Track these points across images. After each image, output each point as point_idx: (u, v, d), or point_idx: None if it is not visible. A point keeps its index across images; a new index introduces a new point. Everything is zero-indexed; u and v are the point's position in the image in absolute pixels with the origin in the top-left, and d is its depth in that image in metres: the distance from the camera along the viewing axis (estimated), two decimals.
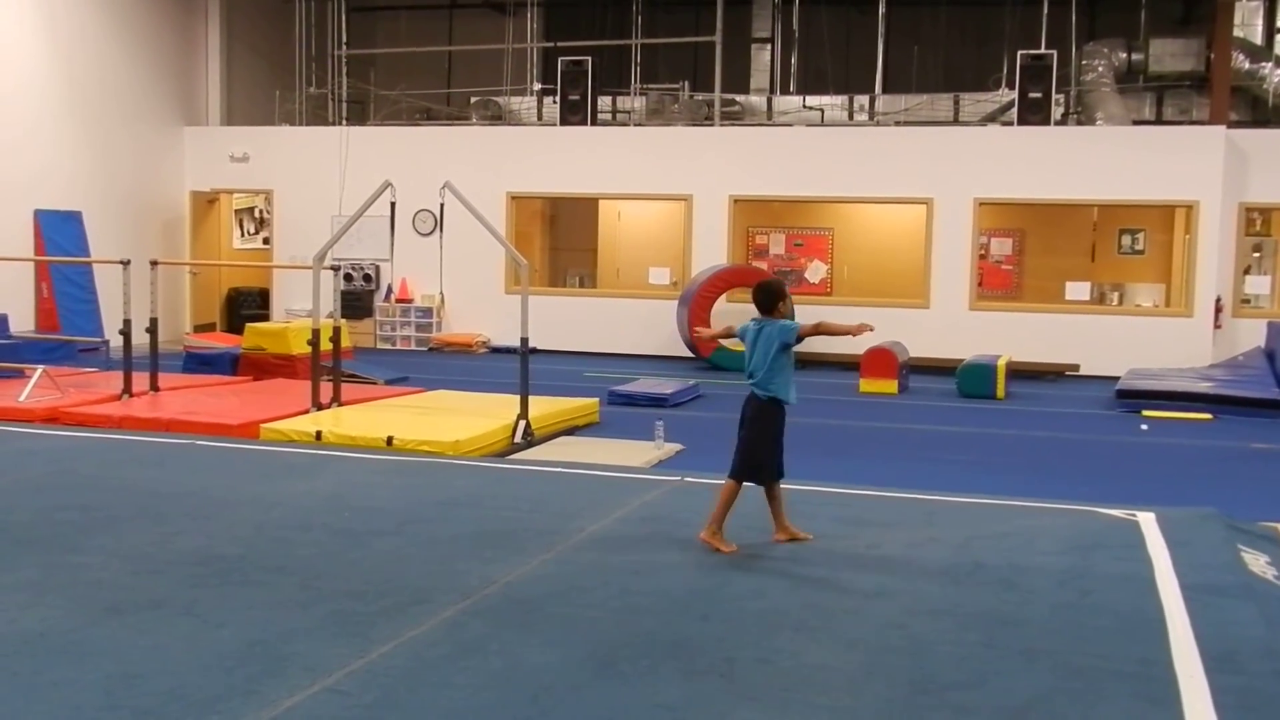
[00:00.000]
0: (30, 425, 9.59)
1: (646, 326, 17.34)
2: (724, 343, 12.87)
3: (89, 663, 4.13)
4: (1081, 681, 4.15)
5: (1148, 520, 6.58)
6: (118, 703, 3.78)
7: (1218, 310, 16.11)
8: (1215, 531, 6.36)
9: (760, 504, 6.83)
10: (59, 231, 15.86)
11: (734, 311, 16.56)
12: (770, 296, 6.08)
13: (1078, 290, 16.81)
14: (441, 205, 10.78)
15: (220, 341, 15.60)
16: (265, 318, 17.91)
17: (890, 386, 13.81)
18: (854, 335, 6.00)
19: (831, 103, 19.00)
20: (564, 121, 18.15)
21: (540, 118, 19.43)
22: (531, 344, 10.36)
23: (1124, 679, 4.18)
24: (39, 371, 10.91)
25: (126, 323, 11.07)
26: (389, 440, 8.91)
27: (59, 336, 14.89)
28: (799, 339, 5.94)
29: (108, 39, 17.22)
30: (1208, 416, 12.12)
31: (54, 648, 4.29)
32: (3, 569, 5.30)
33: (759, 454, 6.00)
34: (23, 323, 15.21)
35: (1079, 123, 17.74)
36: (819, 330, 5.99)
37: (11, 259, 14.32)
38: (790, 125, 18.46)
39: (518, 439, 9.55)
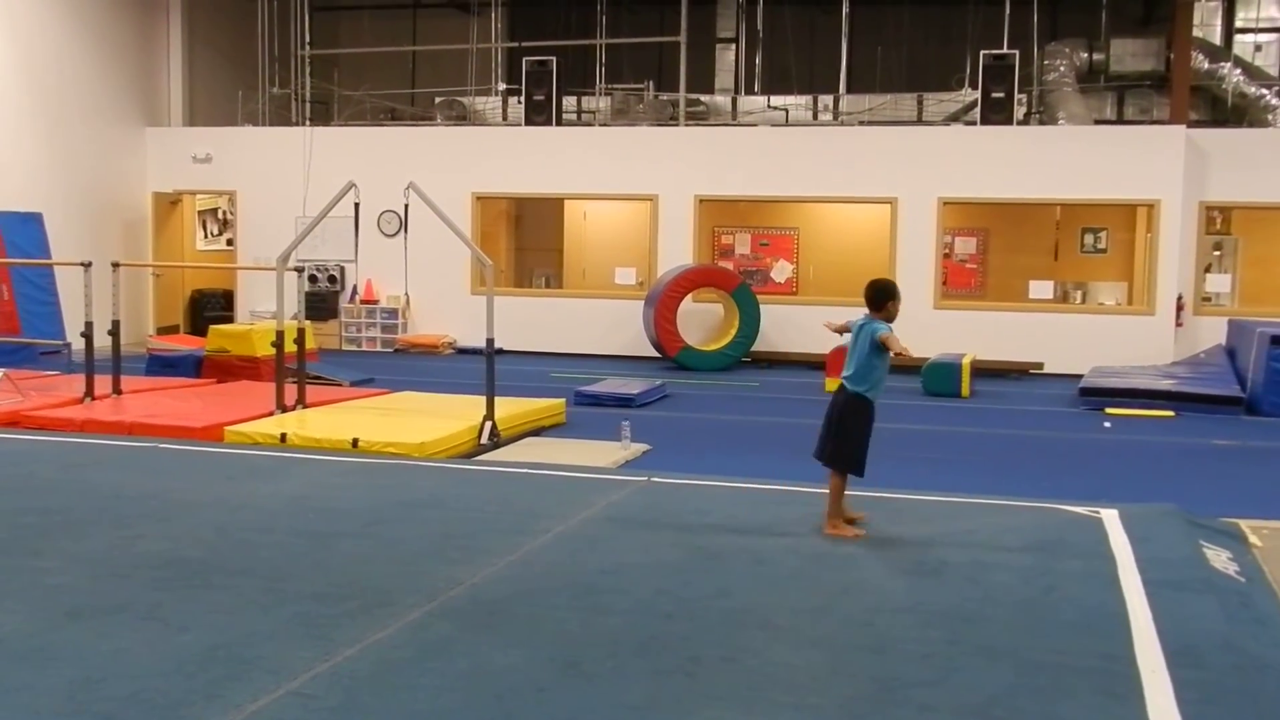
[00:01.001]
0: None
1: (613, 327, 17.34)
2: None
3: (50, 668, 4.09)
4: (1044, 677, 4.17)
5: (1111, 517, 6.63)
6: (79, 707, 3.74)
7: (1179, 308, 16.26)
8: (1177, 527, 6.41)
9: (724, 501, 6.86)
10: (19, 233, 15.68)
11: (700, 311, 16.63)
12: (878, 294, 6.25)
13: (1041, 289, 16.93)
14: (406, 206, 10.74)
15: (184, 344, 15.46)
16: (229, 320, 17.80)
17: None
18: (898, 354, 6.14)
19: (796, 102, 19.05)
20: (529, 122, 18.12)
21: (505, 118, 19.40)
22: (498, 345, 10.34)
23: (1087, 675, 4.20)
24: None
25: (88, 325, 10.96)
26: (354, 442, 8.87)
27: (19, 339, 14.73)
28: (881, 344, 6.10)
29: (68, 38, 17.07)
30: (1170, 414, 12.23)
31: (14, 653, 4.24)
32: None
33: (860, 447, 6.17)
34: None
35: (1041, 122, 17.86)
36: (888, 343, 6.13)
37: None
38: (755, 125, 18.50)
39: (484, 440, 9.52)
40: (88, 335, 10.97)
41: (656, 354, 16.37)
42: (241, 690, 3.88)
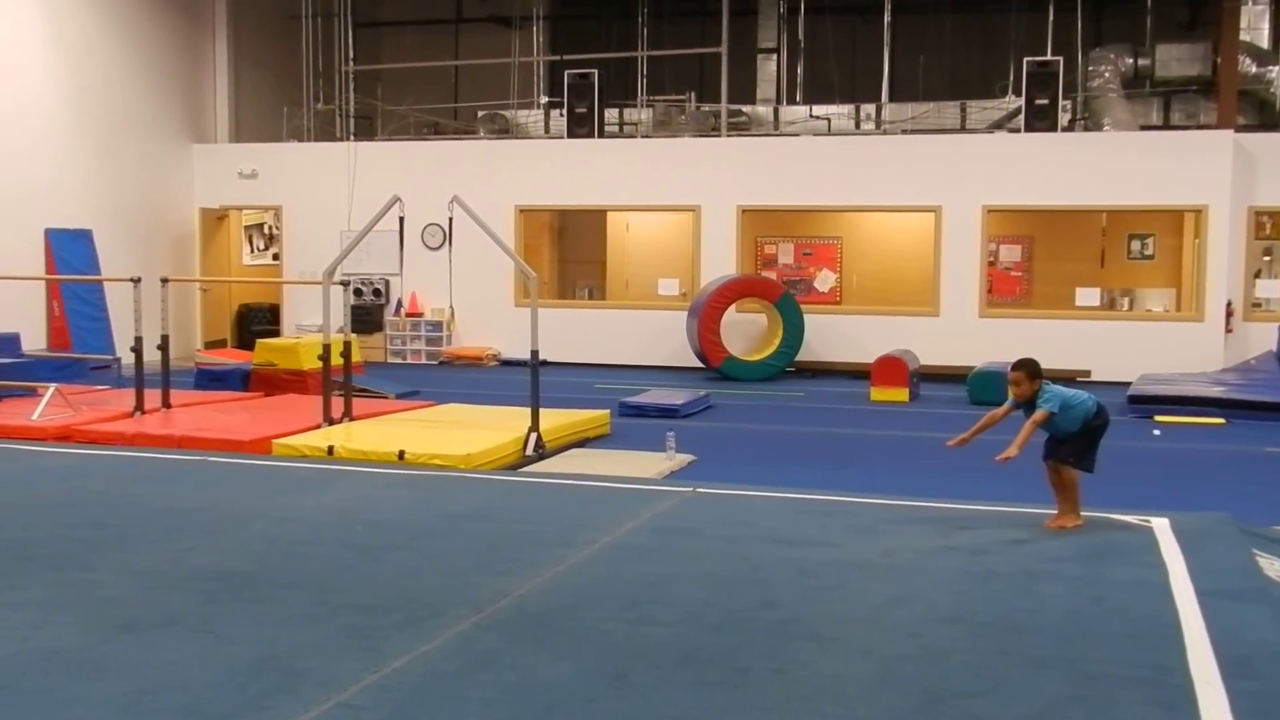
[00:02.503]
0: (42, 443, 9.61)
1: (656, 337, 17.33)
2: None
3: (102, 680, 4.14)
4: (1095, 689, 4.13)
5: (1161, 526, 6.57)
6: (132, 719, 3.79)
7: (1229, 314, 16.06)
8: (1229, 536, 6.34)
9: (769, 512, 6.86)
10: (69, 250, 15.92)
11: (743, 322, 16.60)
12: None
13: (1088, 296, 16.78)
14: (450, 219, 10.80)
15: (231, 358, 15.63)
16: (276, 333, 17.93)
17: (901, 395, 13.78)
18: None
19: (838, 112, 19.00)
20: (571, 134, 18.17)
21: (547, 131, 19.46)
22: (542, 356, 10.37)
23: (1138, 685, 4.16)
24: (51, 390, 10.93)
25: (138, 340, 11.08)
26: (400, 454, 8.92)
27: (71, 354, 14.92)
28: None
29: (115, 56, 17.29)
30: (1220, 421, 12.08)
31: (67, 665, 4.29)
32: (15, 587, 5.31)
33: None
34: (35, 341, 15.24)
35: (1086, 129, 17.72)
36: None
37: (22, 278, 14.40)
38: (797, 135, 18.47)
39: (529, 452, 9.54)
40: (137, 350, 11.09)
41: (700, 365, 16.36)
42: (291, 702, 3.90)
